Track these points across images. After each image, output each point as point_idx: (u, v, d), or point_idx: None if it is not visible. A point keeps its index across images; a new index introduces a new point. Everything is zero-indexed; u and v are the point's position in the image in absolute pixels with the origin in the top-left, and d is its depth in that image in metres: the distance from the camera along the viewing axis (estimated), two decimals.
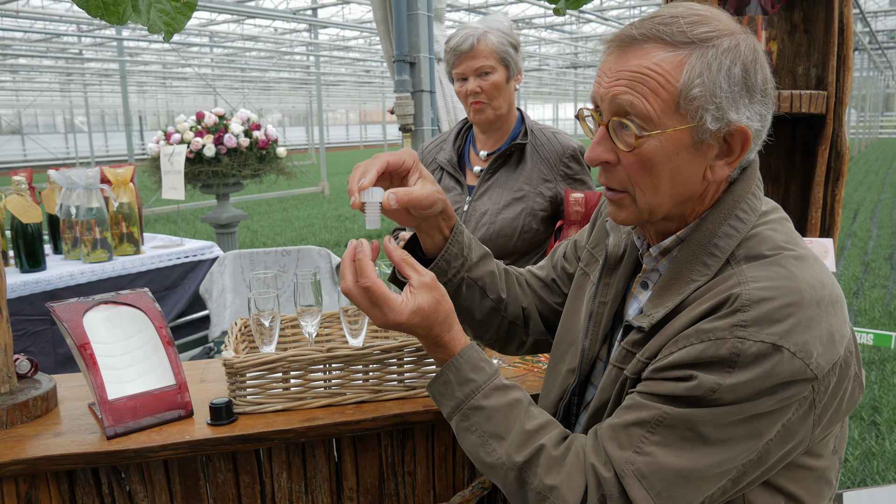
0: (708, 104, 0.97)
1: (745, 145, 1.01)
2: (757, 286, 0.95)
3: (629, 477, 0.97)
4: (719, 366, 0.93)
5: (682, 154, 1.00)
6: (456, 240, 1.30)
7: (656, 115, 0.98)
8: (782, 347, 0.91)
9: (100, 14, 1.20)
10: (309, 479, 1.51)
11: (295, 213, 13.23)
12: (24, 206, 2.98)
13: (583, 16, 15.08)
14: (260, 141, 4.88)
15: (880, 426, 3.91)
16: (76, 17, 12.70)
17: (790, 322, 0.92)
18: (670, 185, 1.02)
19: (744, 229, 1.03)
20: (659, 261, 1.12)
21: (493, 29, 2.14)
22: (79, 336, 1.43)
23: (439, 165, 2.34)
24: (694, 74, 0.97)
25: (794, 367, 0.91)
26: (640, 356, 1.06)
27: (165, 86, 29.03)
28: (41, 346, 3.07)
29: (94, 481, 1.40)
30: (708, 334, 0.95)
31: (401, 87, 3.74)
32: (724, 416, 0.94)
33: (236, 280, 3.57)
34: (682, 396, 0.96)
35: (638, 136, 0.99)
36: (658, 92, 0.98)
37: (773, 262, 0.98)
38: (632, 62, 1.00)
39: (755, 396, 0.93)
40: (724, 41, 0.98)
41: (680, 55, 0.98)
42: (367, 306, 1.12)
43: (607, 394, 1.12)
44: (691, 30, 0.98)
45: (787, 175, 1.82)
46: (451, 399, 1.13)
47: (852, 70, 1.69)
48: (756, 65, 1.00)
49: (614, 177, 1.06)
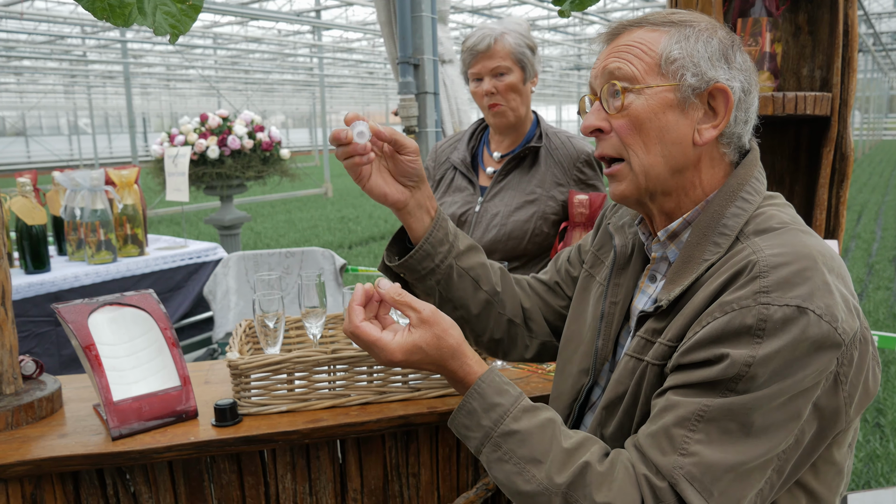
0: (687, 64, 1.07)
1: (728, 105, 1.07)
2: (771, 252, 0.97)
3: (681, 482, 0.93)
4: (747, 336, 0.92)
5: (668, 113, 1.07)
6: (440, 225, 1.34)
7: (641, 74, 1.08)
8: (807, 309, 0.91)
9: (106, 16, 1.20)
10: (313, 481, 1.51)
11: (298, 215, 13.24)
12: (28, 207, 2.99)
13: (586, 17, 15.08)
14: (263, 143, 4.88)
15: (884, 428, 3.90)
16: (80, 19, 12.73)
17: (810, 285, 0.93)
18: (660, 145, 1.08)
19: (750, 209, 1.07)
20: (667, 246, 1.15)
21: (510, 30, 2.14)
22: (84, 337, 1.44)
23: (452, 165, 2.34)
24: (672, 41, 1.08)
25: (822, 331, 0.92)
26: (663, 339, 1.05)
27: (169, 87, 29.09)
28: (45, 347, 3.08)
29: (98, 482, 1.41)
30: (731, 305, 0.95)
31: (405, 89, 3.74)
32: (764, 400, 0.93)
33: (240, 282, 3.57)
34: (717, 381, 0.94)
35: (625, 89, 1.08)
36: (641, 57, 1.08)
37: (782, 233, 1.02)
38: (618, 42, 1.12)
39: (789, 370, 0.92)
40: (702, 24, 1.10)
41: (660, 30, 1.10)
42: (364, 348, 1.16)
43: (624, 386, 1.10)
44: (671, 17, 1.11)
45: (791, 177, 1.82)
46: (477, 429, 1.07)
47: (857, 72, 1.69)
48: (734, 45, 1.10)
49: (609, 144, 1.12)
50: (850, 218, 10.99)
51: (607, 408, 1.13)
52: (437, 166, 2.40)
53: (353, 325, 1.14)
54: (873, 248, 8.85)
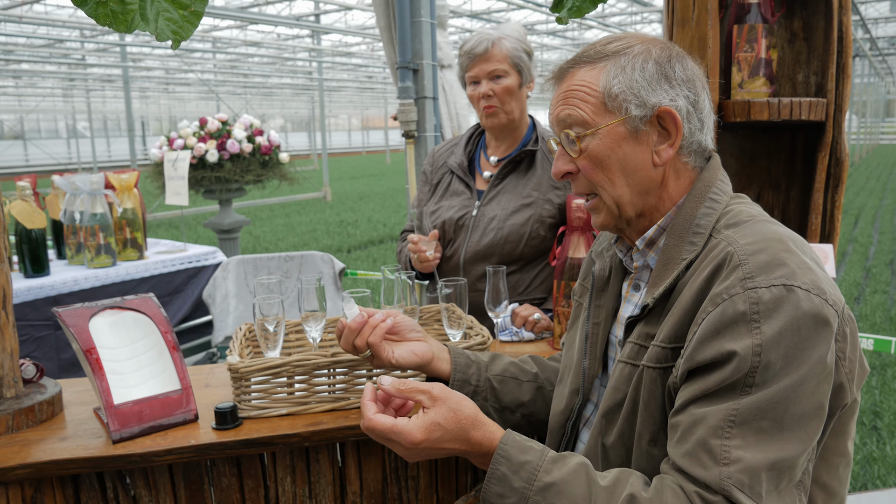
0: (628, 96, 1.12)
1: (677, 124, 1.13)
2: (746, 242, 1.02)
3: (734, 491, 0.93)
4: (743, 323, 0.95)
5: (623, 145, 1.13)
6: (456, 353, 1.43)
7: (590, 117, 1.14)
8: (793, 286, 0.95)
9: (108, 22, 1.21)
10: (313, 484, 1.52)
11: (297, 219, 13.24)
12: (28, 211, 2.99)
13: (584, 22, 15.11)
14: (263, 146, 4.89)
15: (881, 431, 3.91)
16: (79, 23, 12.74)
17: (790, 265, 0.97)
18: (624, 175, 1.14)
19: (719, 207, 1.13)
20: (647, 254, 1.20)
21: (507, 35, 2.16)
22: (85, 341, 1.44)
23: (449, 169, 2.36)
24: (611, 76, 1.13)
25: (814, 304, 0.94)
26: (656, 341, 1.08)
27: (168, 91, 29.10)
28: (45, 351, 3.08)
29: (98, 486, 1.41)
30: (720, 296, 0.98)
31: (404, 94, 3.76)
32: (788, 390, 0.93)
33: (239, 285, 3.58)
34: (735, 381, 0.95)
35: (578, 137, 1.15)
36: (586, 99, 1.14)
37: (751, 224, 1.07)
38: (564, 86, 1.19)
39: (801, 353, 0.93)
40: (636, 48, 1.15)
41: (597, 67, 1.15)
42: (384, 442, 1.12)
43: (621, 393, 1.12)
44: (605, 48, 1.16)
45: (787, 181, 1.83)
46: (512, 494, 1.03)
47: (852, 77, 1.71)
48: (671, 60, 1.15)
49: (581, 183, 1.20)
50: (847, 222, 11.02)
51: (606, 415, 1.14)
52: (435, 171, 2.41)
53: (367, 419, 1.12)
54: (870, 252, 8.86)
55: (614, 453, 1.13)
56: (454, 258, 2.24)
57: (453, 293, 1.73)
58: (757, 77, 1.68)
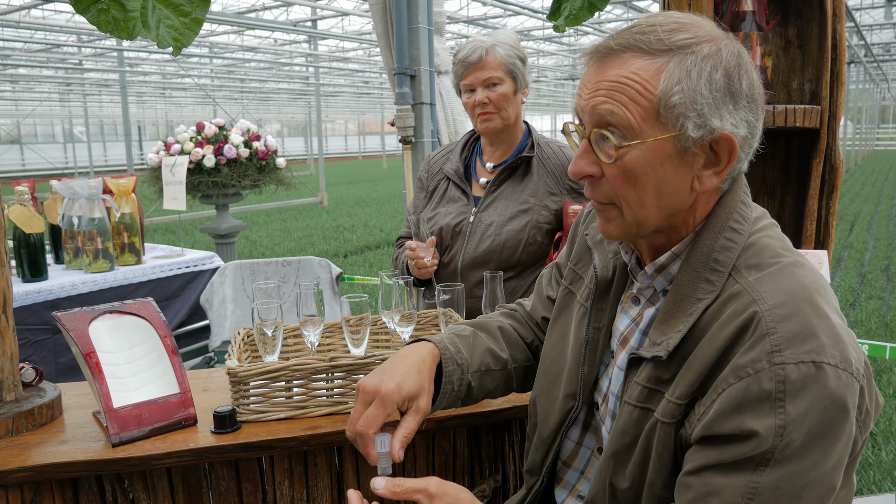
0: (689, 111, 0.95)
1: (733, 153, 0.99)
2: (773, 303, 0.93)
3: None
4: (768, 402, 0.88)
5: (666, 164, 0.98)
6: (447, 357, 1.30)
7: (637, 123, 0.97)
8: (823, 363, 0.88)
9: (110, 29, 1.23)
10: (311, 488, 1.52)
11: (294, 224, 13.25)
12: (26, 216, 3.00)
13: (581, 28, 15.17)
14: (260, 151, 4.90)
15: (876, 436, 3.92)
16: (76, 28, 12.75)
17: (821, 338, 0.89)
18: (656, 198, 1.00)
19: (741, 240, 1.02)
20: (654, 278, 1.10)
21: (501, 42, 2.18)
22: (85, 345, 1.45)
23: (445, 176, 2.37)
24: (672, 81, 0.95)
25: (842, 383, 0.88)
26: (671, 397, 0.99)
27: (165, 96, 29.12)
28: (42, 355, 3.08)
29: (98, 489, 1.42)
30: (745, 369, 0.90)
31: (401, 100, 3.77)
32: (808, 469, 0.88)
33: (237, 290, 3.58)
34: (753, 457, 0.89)
35: (619, 146, 0.98)
36: (637, 100, 0.96)
37: (777, 272, 0.97)
38: (610, 72, 0.98)
39: (824, 430, 0.88)
40: (705, 47, 0.97)
41: (658, 62, 0.96)
42: None
43: (630, 437, 1.06)
44: (669, 37, 0.97)
45: (782, 188, 1.85)
46: None
47: (846, 84, 1.72)
48: (740, 70, 0.98)
49: (600, 190, 1.04)
50: (842, 228, 11.06)
51: (615, 456, 1.09)
52: (431, 177, 2.43)
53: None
54: (865, 258, 8.90)
55: (624, 497, 1.08)
56: (451, 264, 2.25)
57: (451, 299, 1.74)
58: None
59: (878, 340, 5.02)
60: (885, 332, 5.75)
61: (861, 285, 7.48)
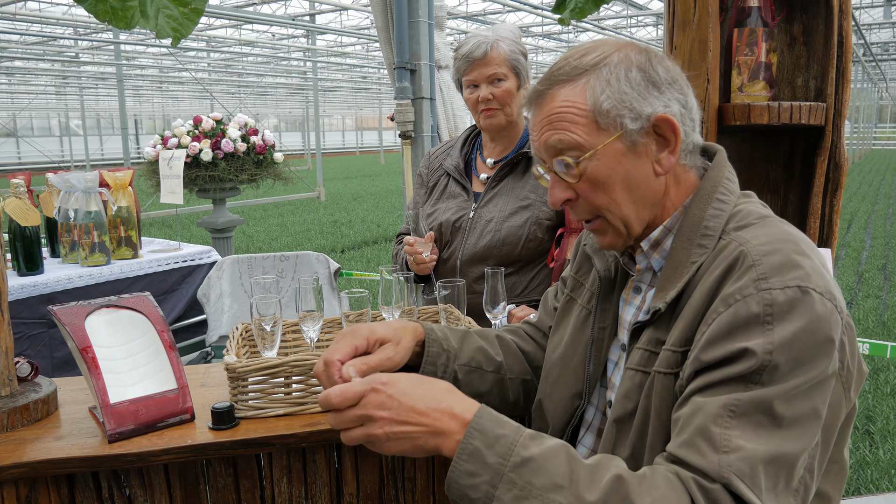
0: (621, 110, 1.07)
1: (676, 130, 1.08)
2: (758, 242, 1.00)
3: (734, 480, 0.88)
4: (757, 324, 0.93)
5: (623, 162, 1.08)
6: (432, 340, 1.31)
7: (584, 139, 1.08)
8: (809, 288, 0.93)
9: (108, 19, 1.21)
10: (309, 485, 1.51)
11: (291, 219, 13.22)
12: (22, 209, 2.97)
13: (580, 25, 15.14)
14: (257, 146, 4.88)
15: (874, 435, 3.92)
16: (73, 21, 12.69)
17: (804, 268, 0.95)
18: (629, 193, 1.10)
19: (728, 208, 1.09)
20: (651, 255, 1.16)
21: (504, 37, 2.16)
22: (81, 339, 1.43)
23: (446, 171, 2.35)
24: (597, 92, 1.07)
25: (827, 309, 0.93)
26: (667, 346, 1.04)
27: (162, 90, 29.03)
28: (38, 349, 3.06)
29: (94, 485, 1.40)
30: (733, 296, 0.96)
31: (401, 94, 3.75)
32: (789, 390, 0.91)
33: (234, 285, 3.56)
34: (742, 375, 0.92)
35: (576, 163, 1.08)
36: (575, 121, 1.08)
37: (763, 224, 1.05)
38: (545, 109, 1.11)
39: (808, 358, 0.91)
40: (614, 57, 1.09)
41: (579, 84, 1.08)
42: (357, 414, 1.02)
43: (633, 401, 1.08)
44: (580, 62, 1.10)
45: (785, 186, 1.84)
46: (484, 471, 0.92)
47: (851, 82, 1.71)
48: (651, 62, 1.10)
49: (581, 209, 1.14)
50: (839, 226, 11.05)
51: (617, 422, 1.11)
52: (431, 173, 2.41)
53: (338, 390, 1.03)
54: (863, 257, 8.91)
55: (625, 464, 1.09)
56: (451, 260, 2.23)
57: (451, 294, 1.73)
58: (757, 81, 1.69)
59: (876, 339, 5.02)
60: (883, 331, 5.76)
61: (858, 284, 7.48)
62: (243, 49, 18.97)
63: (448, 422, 0.98)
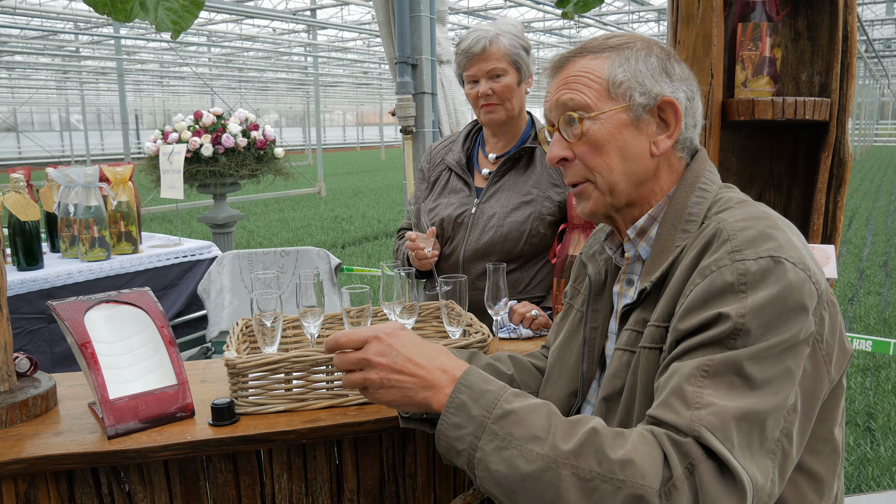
0: (633, 84, 1.15)
1: (678, 116, 1.17)
2: (734, 219, 1.06)
3: (704, 432, 0.90)
4: (731, 293, 0.97)
5: (624, 132, 1.16)
6: None
7: (593, 101, 1.16)
8: (781, 258, 0.98)
9: (107, 11, 1.20)
10: (309, 481, 1.50)
11: (291, 214, 13.20)
12: (22, 203, 2.96)
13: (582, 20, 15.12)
14: (258, 141, 4.86)
15: (875, 432, 3.92)
16: (73, 15, 12.66)
17: (777, 240, 1.00)
18: (622, 162, 1.17)
19: (710, 196, 1.16)
20: (638, 244, 1.21)
21: (504, 32, 2.14)
22: (80, 335, 1.42)
23: (447, 166, 2.34)
24: (615, 66, 1.16)
25: (800, 278, 0.97)
26: (652, 322, 1.09)
27: (162, 85, 28.98)
28: (38, 344, 3.05)
29: (93, 481, 1.40)
30: (709, 268, 1.01)
31: (402, 89, 3.73)
32: (760, 352, 0.94)
33: (234, 280, 3.56)
34: (715, 339, 0.96)
35: (581, 119, 1.16)
36: (589, 84, 1.17)
37: (742, 206, 1.11)
38: (565, 72, 1.20)
39: (780, 322, 0.95)
40: (638, 44, 1.19)
41: (601, 57, 1.18)
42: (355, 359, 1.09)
43: (620, 380, 1.14)
44: (608, 42, 1.20)
45: (789, 182, 1.82)
46: (469, 422, 0.98)
47: (856, 78, 1.70)
48: (670, 59, 1.20)
49: (574, 171, 1.21)
50: None
51: (605, 401, 1.16)
52: (432, 168, 2.40)
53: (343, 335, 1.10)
54: (864, 254, 8.89)
55: None
56: (453, 256, 2.22)
57: (453, 290, 1.72)
58: (761, 76, 1.67)
59: (878, 336, 5.01)
60: (884, 328, 5.74)
61: (859, 281, 7.47)
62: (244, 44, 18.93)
63: (439, 376, 1.05)
